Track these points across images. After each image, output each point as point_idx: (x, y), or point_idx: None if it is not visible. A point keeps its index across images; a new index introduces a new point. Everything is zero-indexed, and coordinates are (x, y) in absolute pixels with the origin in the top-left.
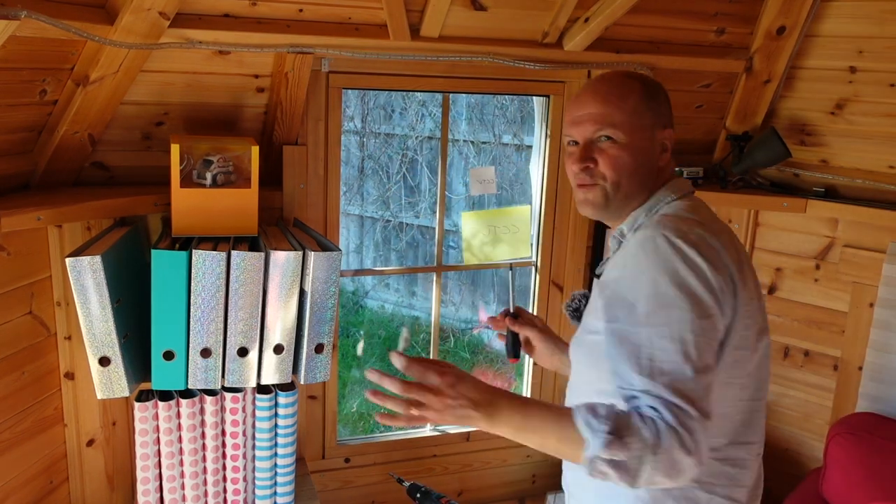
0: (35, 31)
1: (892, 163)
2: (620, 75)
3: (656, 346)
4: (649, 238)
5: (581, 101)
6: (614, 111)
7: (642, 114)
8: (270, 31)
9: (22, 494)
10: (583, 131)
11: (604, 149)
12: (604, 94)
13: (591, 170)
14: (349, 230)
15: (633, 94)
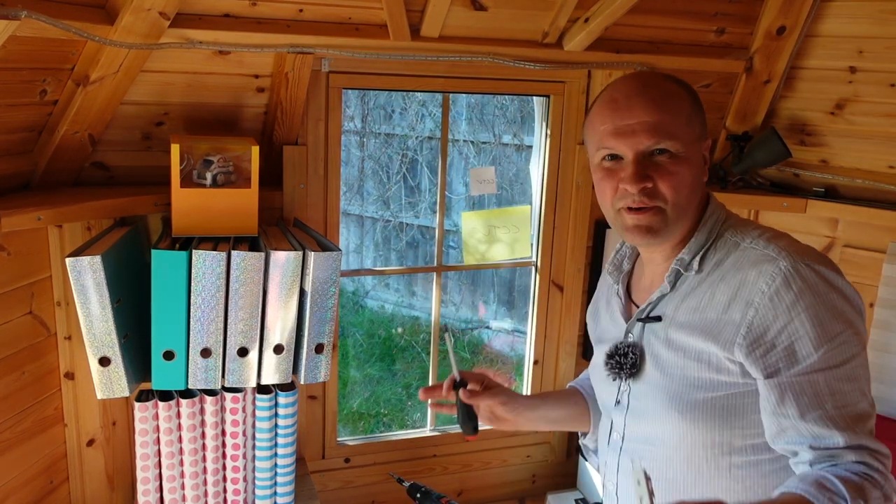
0: (35, 31)
1: (892, 163)
2: (662, 77)
3: (837, 391)
4: (788, 271)
5: (628, 107)
6: (673, 120)
7: (694, 124)
8: (270, 31)
9: (22, 494)
10: (634, 144)
11: (662, 164)
12: (658, 99)
13: (650, 190)
14: (349, 230)
15: (686, 102)
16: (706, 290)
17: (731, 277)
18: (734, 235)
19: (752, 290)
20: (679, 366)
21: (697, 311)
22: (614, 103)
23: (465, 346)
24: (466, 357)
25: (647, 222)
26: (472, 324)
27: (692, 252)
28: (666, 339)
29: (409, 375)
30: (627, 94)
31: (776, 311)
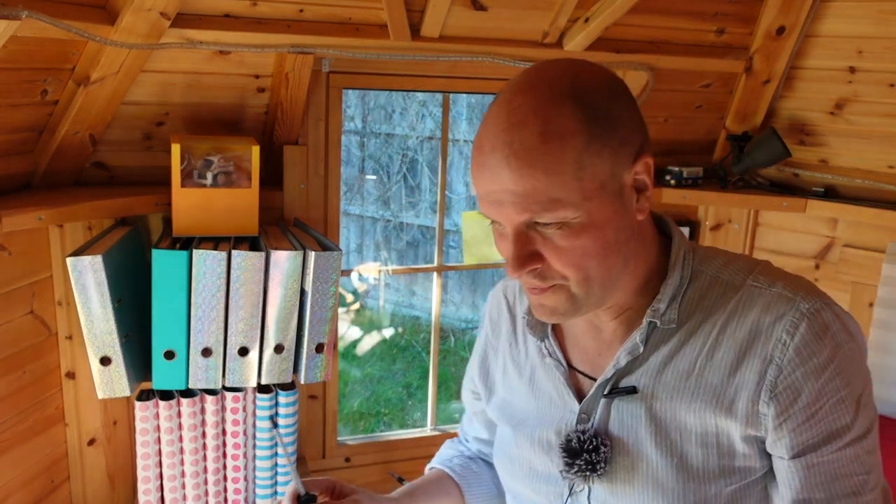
0: (36, 32)
1: (892, 163)
2: (545, 99)
3: (867, 464)
4: (812, 315)
5: (489, 166)
6: (550, 182)
7: (593, 165)
8: (271, 32)
9: (23, 494)
10: (506, 217)
11: (550, 238)
12: (524, 154)
13: (541, 271)
14: (349, 230)
15: (576, 139)
16: (699, 347)
17: (735, 327)
18: (715, 270)
19: (769, 341)
20: (675, 454)
21: (692, 376)
22: (479, 153)
23: (465, 346)
24: (466, 357)
25: (550, 303)
26: (472, 323)
27: (668, 298)
28: (650, 418)
29: (409, 375)
30: (492, 141)
31: (805, 370)
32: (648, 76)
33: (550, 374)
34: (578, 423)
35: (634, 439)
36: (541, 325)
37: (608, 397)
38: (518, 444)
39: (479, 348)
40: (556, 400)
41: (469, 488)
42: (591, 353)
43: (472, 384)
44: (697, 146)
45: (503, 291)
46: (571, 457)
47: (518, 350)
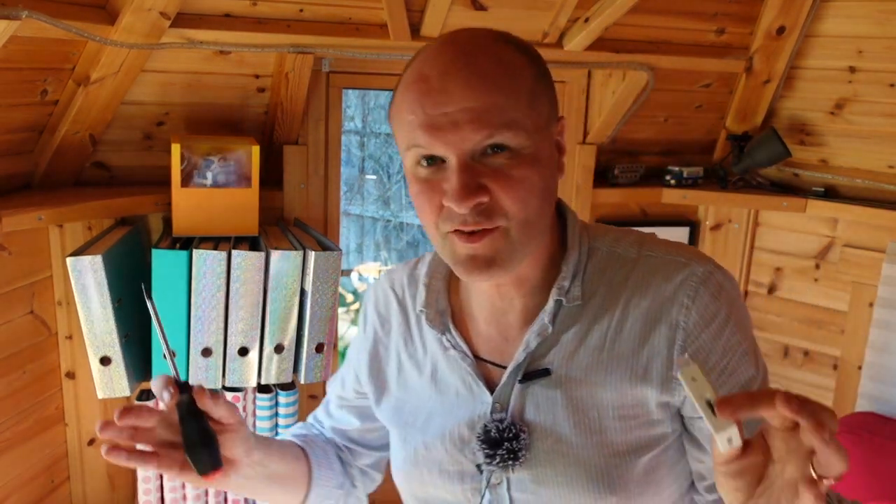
0: (36, 32)
1: (892, 163)
2: (492, 38)
3: None
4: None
5: (443, 89)
6: (510, 101)
7: (541, 102)
8: (271, 31)
9: (23, 494)
10: (457, 142)
11: (500, 168)
12: (487, 72)
13: (487, 206)
14: (349, 230)
15: (528, 71)
16: (607, 321)
17: (639, 297)
18: (609, 245)
19: (673, 306)
20: (596, 431)
21: (604, 351)
22: (425, 83)
23: None
24: None
25: (487, 251)
26: None
27: (570, 275)
28: (567, 399)
29: None
30: (443, 68)
31: (710, 330)
32: (648, 76)
33: (455, 367)
34: (492, 413)
35: (553, 422)
36: (440, 317)
37: (523, 383)
38: (426, 445)
39: (364, 345)
40: (463, 393)
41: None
42: (496, 341)
43: (355, 383)
44: (697, 146)
45: (389, 285)
46: (492, 447)
47: (414, 346)
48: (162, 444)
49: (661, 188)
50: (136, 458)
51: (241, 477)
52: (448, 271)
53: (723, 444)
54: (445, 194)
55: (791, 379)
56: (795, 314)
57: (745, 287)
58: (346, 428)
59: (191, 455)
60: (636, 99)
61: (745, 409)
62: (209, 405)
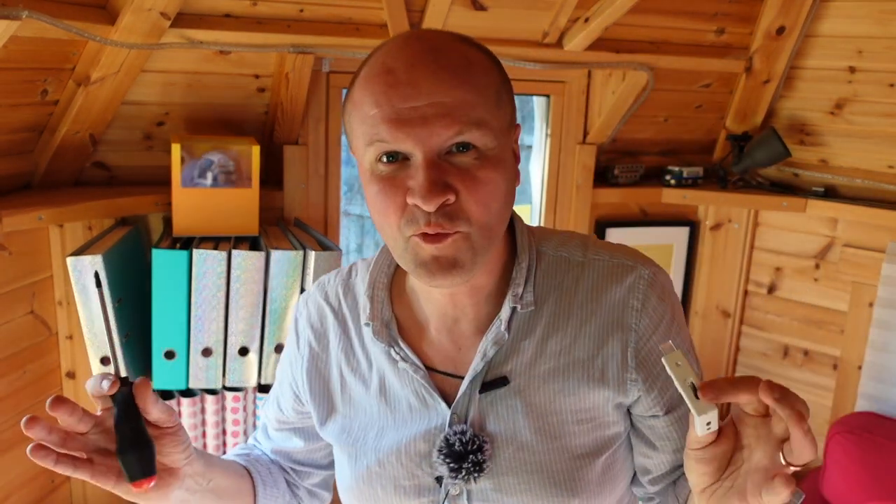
0: (36, 32)
1: (892, 163)
2: (455, 38)
3: None
4: (651, 279)
5: (411, 81)
6: (480, 99)
7: (504, 105)
8: (271, 31)
9: (23, 493)
10: (426, 137)
11: (466, 168)
12: (457, 68)
13: (451, 208)
14: (349, 230)
15: (494, 73)
16: (561, 327)
17: (592, 301)
18: (555, 249)
19: (624, 310)
20: (557, 436)
21: (562, 356)
22: (390, 74)
23: None
24: None
25: (450, 252)
26: None
27: (523, 280)
28: (527, 406)
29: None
30: (410, 60)
31: (659, 332)
32: (648, 76)
33: (407, 380)
34: (451, 425)
35: (513, 430)
36: (386, 329)
37: (483, 393)
38: (380, 462)
39: (299, 363)
40: (417, 406)
41: (263, 485)
42: (448, 351)
43: (296, 403)
44: (697, 146)
45: (323, 298)
46: (457, 461)
47: (357, 360)
48: (97, 451)
49: (660, 188)
50: (66, 462)
51: (183, 490)
52: (389, 281)
53: (701, 427)
54: (410, 192)
55: (791, 379)
56: (795, 314)
57: (745, 287)
58: (289, 450)
59: (122, 459)
60: (636, 99)
61: (727, 393)
62: (150, 401)
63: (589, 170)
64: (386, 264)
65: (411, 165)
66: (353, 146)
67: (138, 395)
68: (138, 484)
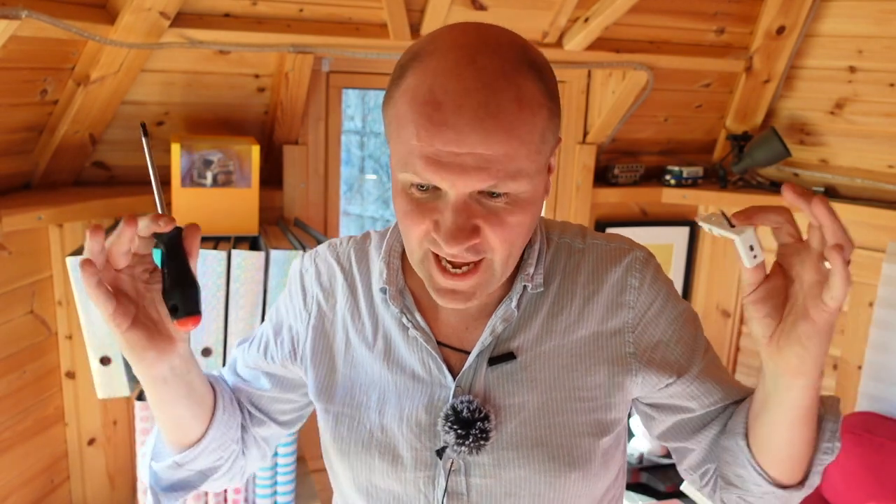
0: (36, 31)
1: (892, 162)
2: (513, 62)
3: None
4: (645, 260)
5: (457, 127)
6: (522, 150)
7: (547, 139)
8: (271, 31)
9: (23, 494)
10: (462, 184)
11: (496, 211)
12: (506, 117)
13: (477, 245)
14: (349, 230)
15: (544, 109)
16: (566, 307)
17: (595, 283)
18: (559, 236)
19: (624, 289)
20: (560, 413)
21: (567, 334)
22: (436, 111)
23: None
24: None
25: (468, 287)
26: None
27: (534, 262)
28: (531, 382)
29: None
30: (459, 99)
31: (654, 306)
32: (648, 76)
33: (415, 349)
34: (454, 396)
35: (517, 405)
36: (400, 296)
37: (490, 366)
38: (383, 428)
39: (303, 319)
40: (421, 375)
41: (223, 408)
42: (456, 328)
43: (289, 358)
44: (697, 146)
45: (334, 258)
46: (464, 427)
47: (362, 322)
48: (120, 292)
49: (660, 188)
50: (102, 290)
51: (169, 367)
52: (403, 251)
53: (747, 255)
54: (436, 226)
55: None
56: None
57: None
58: (253, 390)
59: (176, 295)
60: (636, 99)
61: (756, 214)
62: (196, 244)
63: (589, 170)
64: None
65: (441, 198)
66: (389, 141)
67: (189, 235)
68: (184, 321)
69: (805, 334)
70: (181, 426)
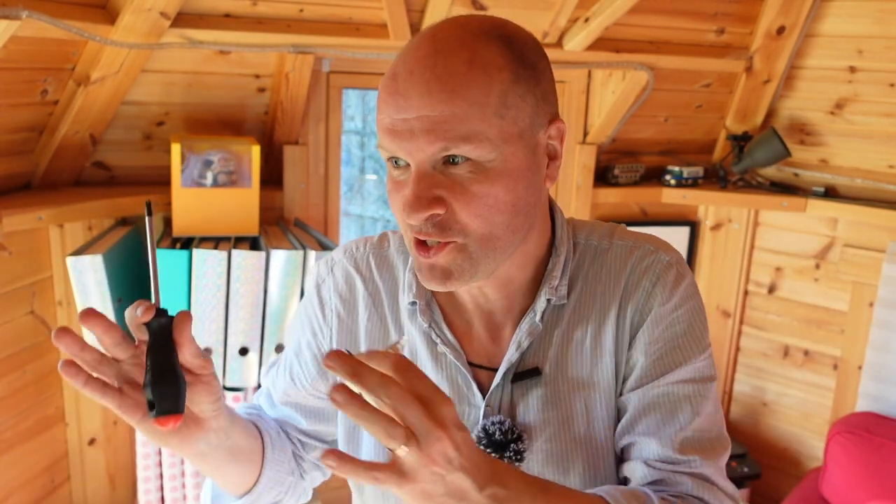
0: (36, 31)
1: (892, 162)
2: (475, 34)
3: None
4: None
5: (405, 92)
6: (472, 110)
7: (518, 108)
8: (271, 31)
9: (23, 493)
10: (413, 150)
11: (459, 180)
12: (448, 77)
13: (442, 220)
14: (349, 230)
15: (504, 73)
16: (587, 315)
17: (612, 287)
18: (586, 238)
19: (638, 291)
20: (583, 425)
21: (588, 345)
22: (393, 81)
23: None
24: None
25: (444, 263)
26: None
27: (560, 273)
28: (557, 397)
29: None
30: (411, 67)
31: (656, 313)
32: (648, 76)
33: (443, 365)
34: (484, 416)
35: (544, 421)
36: (430, 310)
37: (514, 383)
38: None
39: (327, 335)
40: (449, 393)
41: (272, 448)
42: (485, 343)
43: (318, 379)
44: (697, 146)
45: (352, 264)
46: (498, 450)
47: (388, 335)
48: (129, 383)
49: (661, 188)
50: (95, 386)
51: (204, 443)
52: None
53: None
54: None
55: (791, 379)
56: (795, 314)
57: (746, 287)
58: (294, 424)
59: (149, 391)
60: (636, 99)
61: None
62: (187, 334)
63: (589, 170)
64: None
65: (408, 173)
66: None
67: (177, 325)
68: (162, 421)
69: None
70: (231, 482)
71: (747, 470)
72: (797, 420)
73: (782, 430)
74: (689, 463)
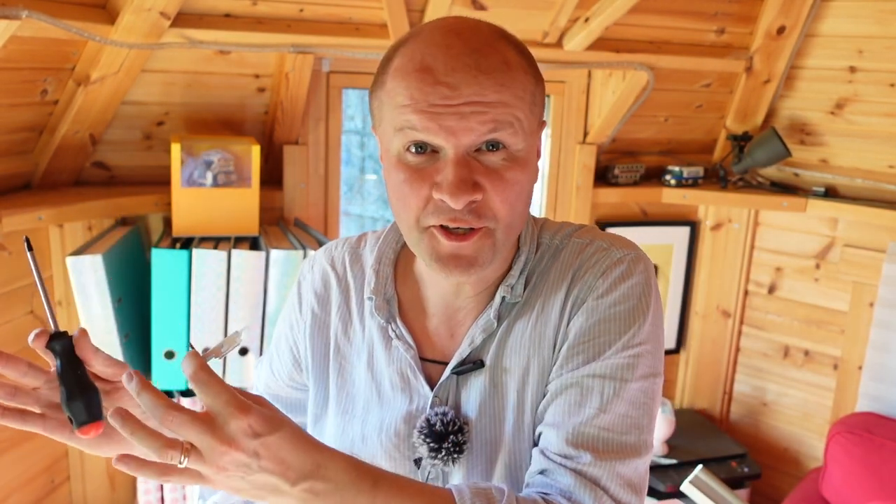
0: (36, 31)
1: (892, 162)
2: (494, 35)
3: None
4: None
5: (451, 83)
6: (517, 101)
7: (536, 108)
8: (271, 31)
9: (23, 494)
10: (461, 133)
11: (495, 168)
12: (497, 69)
13: (479, 206)
14: (349, 230)
15: (529, 76)
16: (534, 307)
17: (560, 280)
18: (549, 239)
19: (583, 285)
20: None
21: (530, 336)
22: (430, 74)
23: None
24: None
25: (471, 252)
26: None
27: (518, 272)
28: (501, 389)
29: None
30: (451, 63)
31: (589, 304)
32: (648, 76)
33: (395, 358)
34: (431, 407)
35: (491, 413)
36: (387, 306)
37: (458, 374)
38: (364, 437)
39: (301, 329)
40: (399, 385)
41: None
42: (443, 338)
43: (293, 372)
44: (697, 146)
45: (329, 262)
46: (437, 441)
47: (353, 329)
48: (49, 406)
49: (661, 188)
50: (13, 415)
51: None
52: (395, 259)
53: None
54: (437, 186)
55: (791, 379)
56: (796, 314)
57: (746, 287)
58: None
59: (67, 407)
60: (636, 99)
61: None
62: (90, 351)
63: (589, 170)
64: (394, 241)
65: (440, 159)
66: (378, 128)
67: (77, 345)
68: (84, 430)
69: None
70: None
71: (747, 470)
72: (797, 420)
73: (782, 430)
74: (577, 459)
